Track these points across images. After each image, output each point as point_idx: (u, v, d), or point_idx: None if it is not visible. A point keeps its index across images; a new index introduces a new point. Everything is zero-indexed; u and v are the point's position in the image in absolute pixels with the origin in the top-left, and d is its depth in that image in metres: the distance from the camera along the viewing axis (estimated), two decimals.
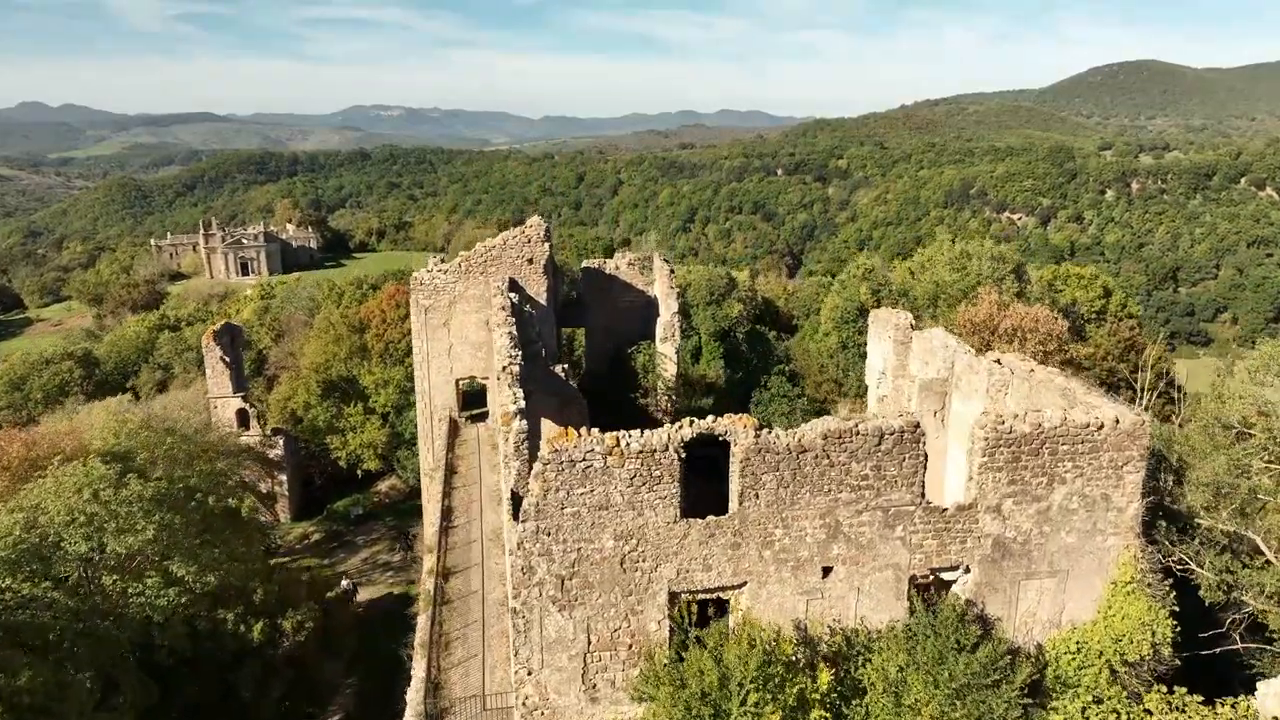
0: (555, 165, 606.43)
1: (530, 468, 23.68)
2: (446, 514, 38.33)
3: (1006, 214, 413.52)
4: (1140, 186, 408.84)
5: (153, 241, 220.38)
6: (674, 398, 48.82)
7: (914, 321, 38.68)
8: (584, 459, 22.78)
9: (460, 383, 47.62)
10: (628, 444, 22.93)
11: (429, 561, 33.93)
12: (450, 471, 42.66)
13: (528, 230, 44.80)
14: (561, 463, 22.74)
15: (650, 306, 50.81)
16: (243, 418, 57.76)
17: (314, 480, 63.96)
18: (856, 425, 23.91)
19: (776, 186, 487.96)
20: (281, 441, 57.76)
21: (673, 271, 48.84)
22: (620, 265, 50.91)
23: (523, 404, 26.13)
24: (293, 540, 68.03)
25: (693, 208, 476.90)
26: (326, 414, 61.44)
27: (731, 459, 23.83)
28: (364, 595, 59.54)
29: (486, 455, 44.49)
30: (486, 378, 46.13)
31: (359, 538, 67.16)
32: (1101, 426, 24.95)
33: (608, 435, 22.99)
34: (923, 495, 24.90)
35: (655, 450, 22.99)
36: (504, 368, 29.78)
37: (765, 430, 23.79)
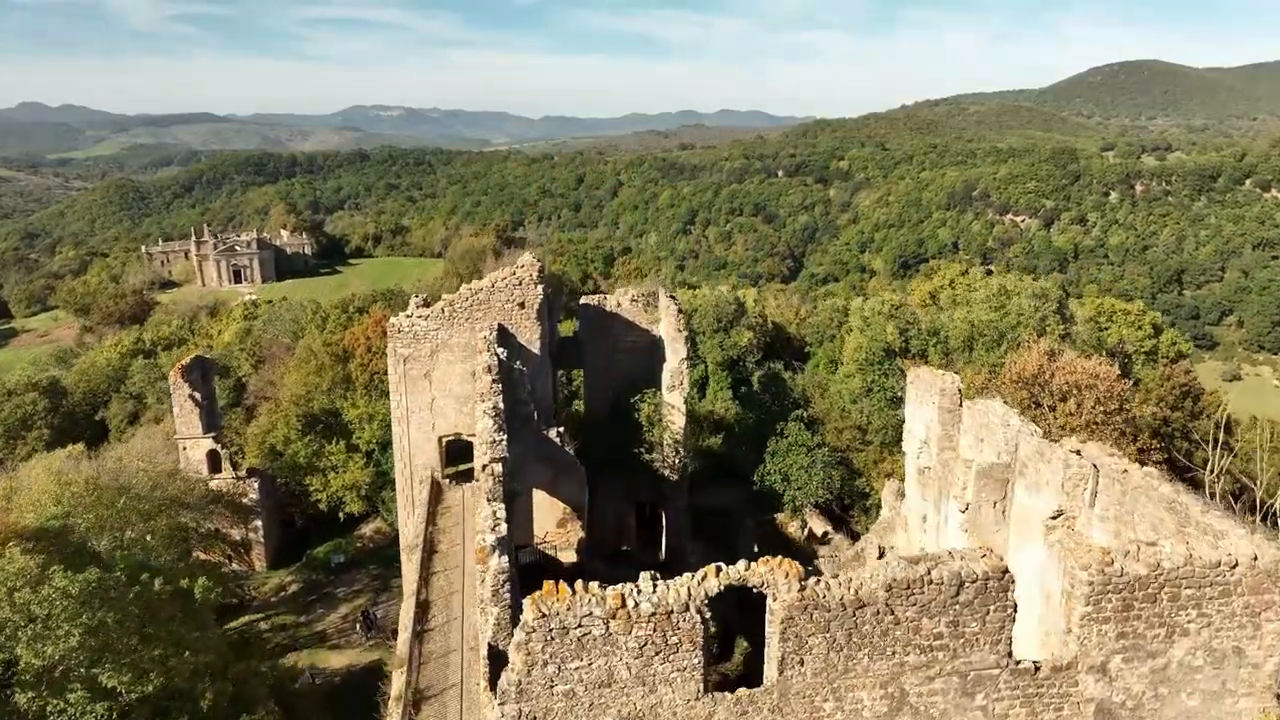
0: (555, 166, 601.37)
1: (514, 610, 18.59)
2: (422, 611, 33.05)
3: (1009, 216, 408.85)
4: (1144, 188, 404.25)
5: (144, 249, 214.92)
6: (683, 453, 44.12)
7: (962, 387, 33.33)
8: (579, 625, 17.56)
9: (444, 440, 42.58)
10: (636, 605, 17.69)
11: (396, 683, 28.66)
12: (429, 551, 37.36)
13: (519, 271, 39.94)
14: (550, 630, 17.53)
15: (655, 347, 46.01)
16: (214, 460, 52.60)
17: (294, 521, 58.91)
18: (929, 572, 18.66)
19: (777, 188, 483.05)
20: (257, 484, 52.77)
21: (680, 311, 43.96)
22: (622, 302, 45.98)
23: (504, 530, 20.92)
24: (268, 592, 62.88)
25: (693, 210, 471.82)
26: (307, 449, 56.36)
27: (769, 619, 18.61)
28: (339, 661, 54.39)
29: (474, 525, 39.28)
30: (474, 434, 40.87)
31: (340, 589, 61.89)
32: (1235, 565, 19.76)
33: (610, 593, 17.74)
34: (1009, 654, 19.70)
35: (672, 611, 17.78)
36: (483, 466, 24.51)
37: (813, 581, 18.52)
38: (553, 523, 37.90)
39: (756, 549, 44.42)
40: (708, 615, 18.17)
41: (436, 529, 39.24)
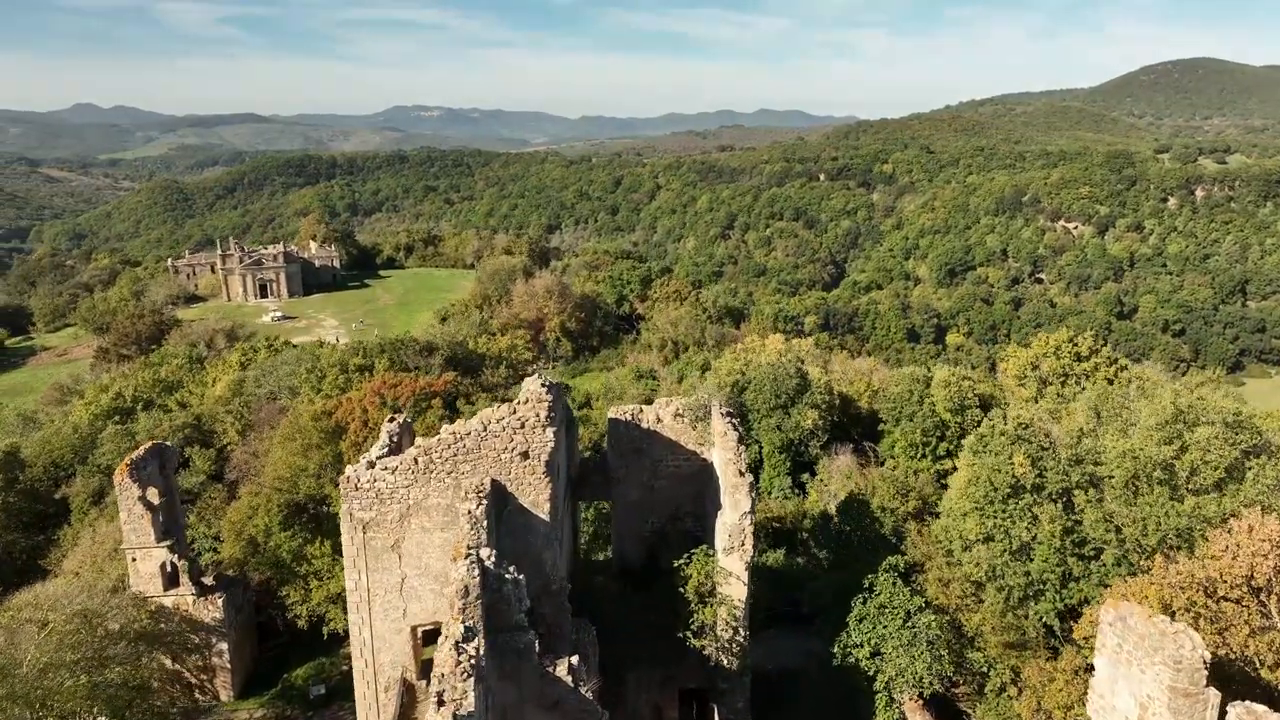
0: (592, 169, 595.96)
1: None
2: None
3: (1061, 223, 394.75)
4: (1205, 194, 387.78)
5: (170, 262, 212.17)
6: (744, 636, 33.83)
7: (1207, 656, 23.07)
8: None
9: (419, 630, 33.41)
10: None
11: None
12: None
13: (521, 410, 30.38)
14: None
15: (705, 475, 36.49)
16: (170, 573, 44.48)
17: (277, 628, 51.30)
18: None
19: (819, 192, 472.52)
20: (222, 600, 45.41)
21: (741, 438, 33.66)
22: (663, 417, 36.67)
23: None
24: None
25: (732, 214, 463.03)
26: (291, 543, 49.44)
27: None
28: None
29: None
30: None
31: None
32: None
33: None
34: None
35: None
36: None
37: None
38: None
39: None
40: None
41: None
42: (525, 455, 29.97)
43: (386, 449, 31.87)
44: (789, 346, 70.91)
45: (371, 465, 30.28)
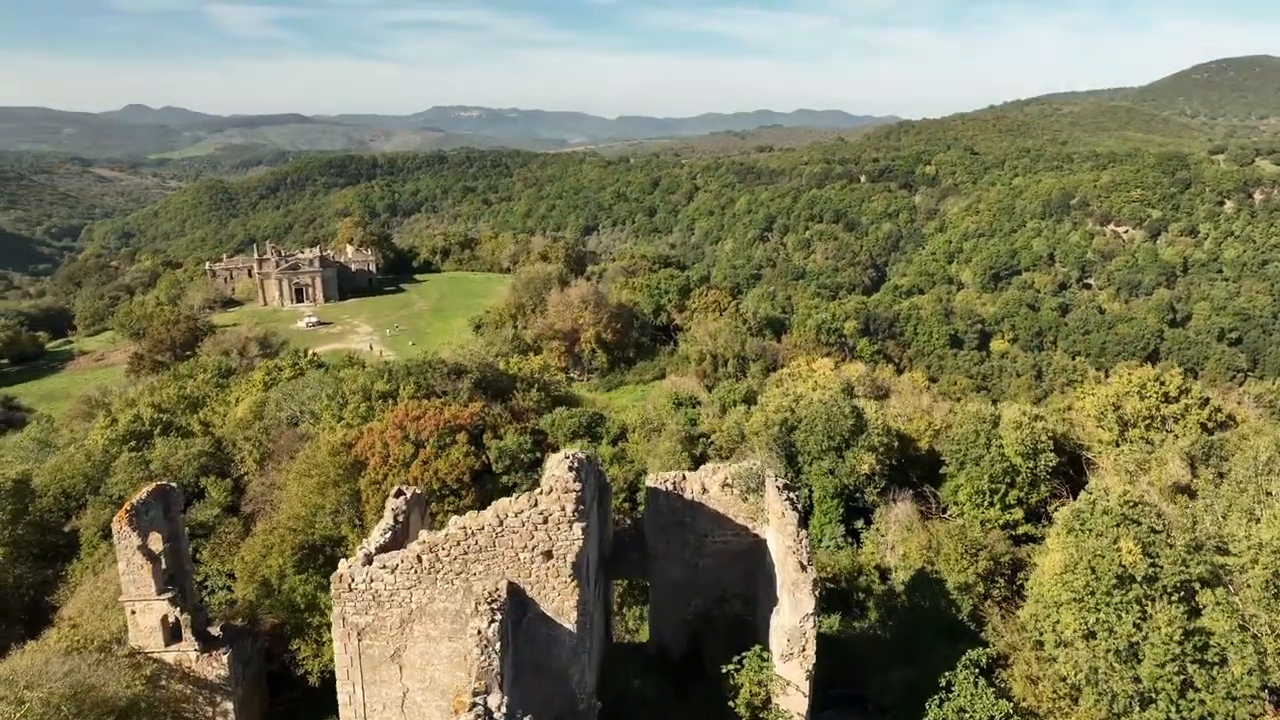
0: (630, 169, 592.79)
1: None
2: None
3: (1111, 227, 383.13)
4: (1264, 196, 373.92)
5: (208, 265, 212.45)
6: None
7: None
8: None
9: None
10: None
11: None
12: None
13: (542, 503, 25.66)
14: None
15: (756, 553, 32.07)
16: (172, 627, 40.94)
17: (289, 676, 47.98)
18: None
19: (859, 194, 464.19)
20: (227, 657, 42.23)
21: (803, 519, 29.36)
22: (710, 487, 32.04)
23: None
24: None
25: (770, 216, 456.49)
26: (305, 587, 46.33)
27: None
28: None
29: None
30: None
31: None
32: None
33: None
34: None
35: None
36: None
37: None
38: None
39: None
40: None
41: None
42: (548, 555, 25.58)
43: (390, 532, 27.89)
44: (838, 372, 66.55)
45: (369, 560, 26.16)
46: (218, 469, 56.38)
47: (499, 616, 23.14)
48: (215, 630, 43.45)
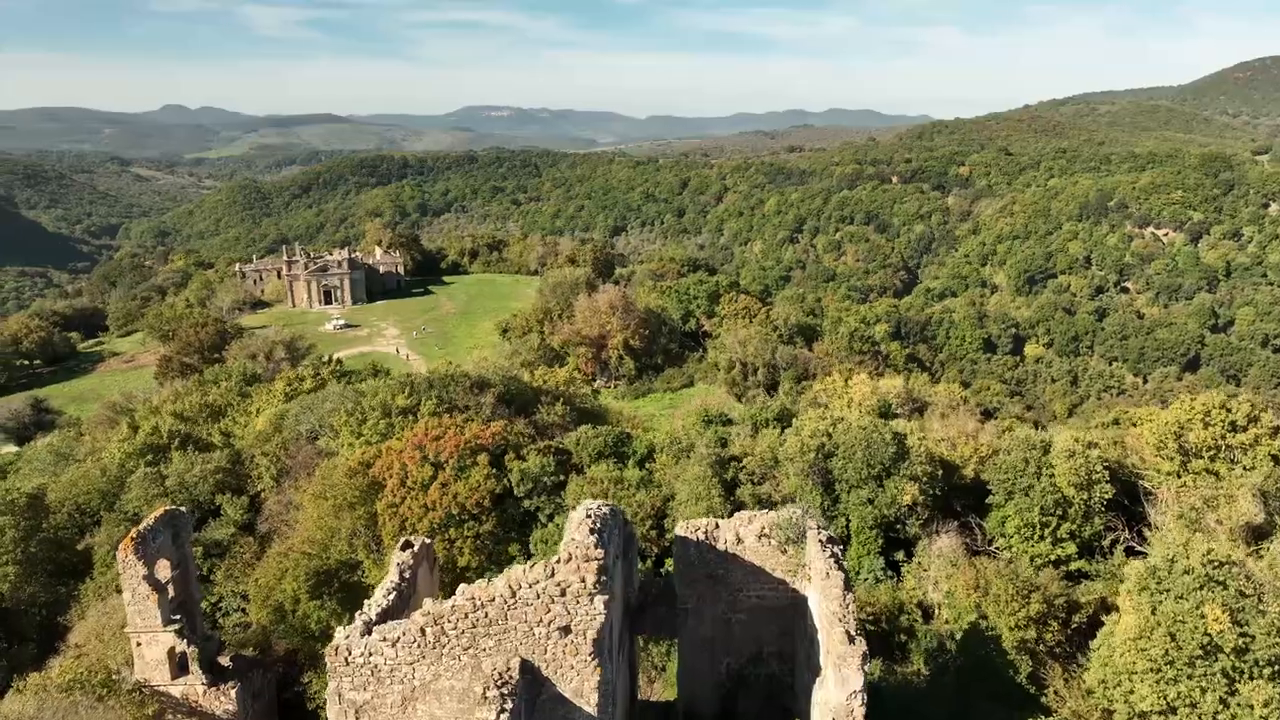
0: (659, 170, 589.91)
1: None
2: None
3: (1150, 229, 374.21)
4: None
5: (238, 266, 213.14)
6: None
7: None
8: None
9: None
10: None
11: None
12: None
13: (559, 573, 23.18)
14: None
15: (795, 609, 29.43)
16: (179, 660, 39.20)
17: (304, 704, 46.49)
18: None
19: (891, 195, 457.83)
20: (235, 691, 40.64)
21: (848, 581, 26.68)
22: (745, 537, 29.49)
23: None
24: None
25: (800, 217, 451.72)
26: (320, 613, 44.74)
27: None
28: None
29: None
30: None
31: None
32: None
33: None
34: None
35: None
36: None
37: None
38: None
39: None
40: None
41: None
42: (566, 630, 23.12)
43: (394, 592, 25.70)
44: (875, 388, 63.80)
45: (368, 630, 23.72)
46: (234, 485, 54.96)
47: (509, 705, 20.86)
48: (225, 661, 41.86)
